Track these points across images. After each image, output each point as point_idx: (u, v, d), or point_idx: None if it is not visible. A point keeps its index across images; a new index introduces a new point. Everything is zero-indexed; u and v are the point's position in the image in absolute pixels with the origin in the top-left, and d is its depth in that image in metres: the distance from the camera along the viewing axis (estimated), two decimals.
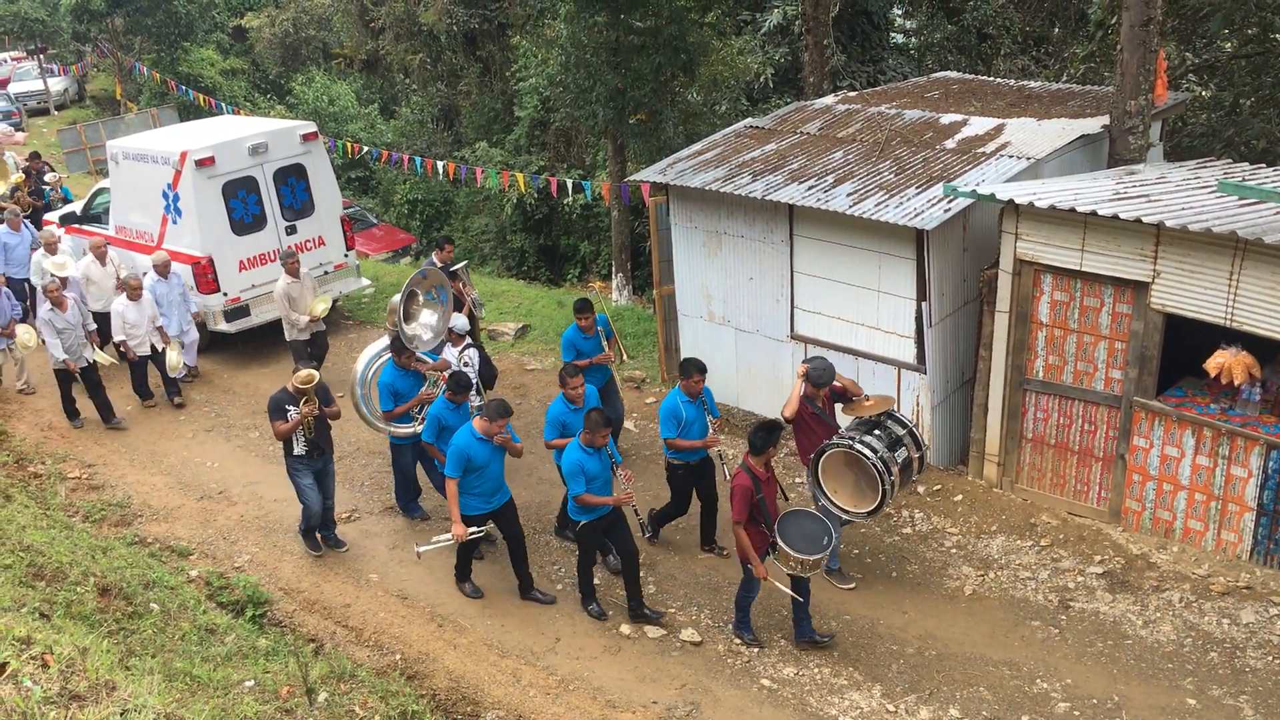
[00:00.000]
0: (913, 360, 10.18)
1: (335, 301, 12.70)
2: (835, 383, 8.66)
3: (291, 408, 9.24)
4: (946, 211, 9.37)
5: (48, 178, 19.87)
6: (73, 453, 11.94)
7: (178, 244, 13.77)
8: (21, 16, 32.34)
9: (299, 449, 9.40)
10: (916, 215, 9.41)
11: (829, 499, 8.41)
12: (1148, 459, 8.96)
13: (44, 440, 12.23)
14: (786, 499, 8.57)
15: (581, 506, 8.32)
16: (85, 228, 15.71)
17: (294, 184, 14.35)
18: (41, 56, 35.99)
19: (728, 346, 11.74)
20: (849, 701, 7.76)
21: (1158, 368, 8.76)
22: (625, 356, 10.54)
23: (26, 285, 14.63)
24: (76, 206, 16.72)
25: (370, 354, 10.45)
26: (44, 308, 11.78)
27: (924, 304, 9.88)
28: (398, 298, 9.98)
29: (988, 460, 10.03)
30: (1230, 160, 10.61)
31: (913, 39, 22.49)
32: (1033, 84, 13.59)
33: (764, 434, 7.80)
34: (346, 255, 15.11)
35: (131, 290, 12.46)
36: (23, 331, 12.81)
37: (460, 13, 26.37)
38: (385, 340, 10.34)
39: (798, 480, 10.49)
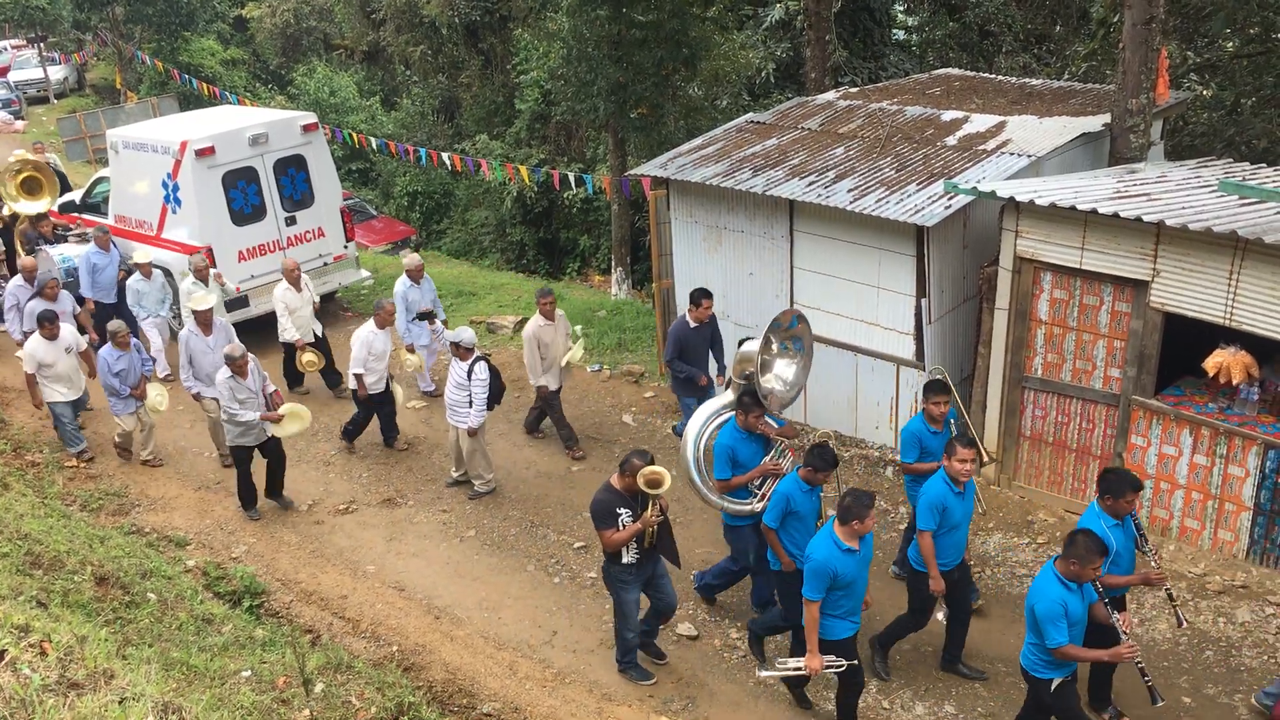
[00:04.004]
0: (911, 357, 10.19)
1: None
2: None
3: (625, 510, 7.38)
4: (947, 208, 9.37)
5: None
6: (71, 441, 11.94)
7: (177, 234, 13.76)
8: (22, 4, 32.27)
9: (628, 557, 7.51)
10: (917, 212, 9.41)
11: None
12: (1145, 457, 8.97)
13: (42, 429, 12.22)
14: None
15: (1060, 659, 6.26)
16: (85, 216, 15.71)
17: (294, 175, 14.35)
18: (42, 45, 35.92)
19: (727, 341, 11.73)
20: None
21: (1156, 366, 8.77)
22: (986, 458, 8.53)
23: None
24: (75, 195, 16.67)
25: (708, 412, 8.66)
26: (222, 373, 9.91)
27: (923, 300, 9.89)
28: (754, 345, 8.43)
29: (985, 457, 10.04)
30: (1231, 160, 10.61)
31: (914, 35, 22.49)
32: (1034, 81, 13.59)
33: None
34: (346, 247, 15.11)
35: (385, 316, 11.07)
36: (154, 393, 11.22)
37: (462, 5, 26.35)
38: (725, 397, 8.67)
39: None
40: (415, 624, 8.80)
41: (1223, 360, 8.36)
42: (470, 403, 10.08)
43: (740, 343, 8.94)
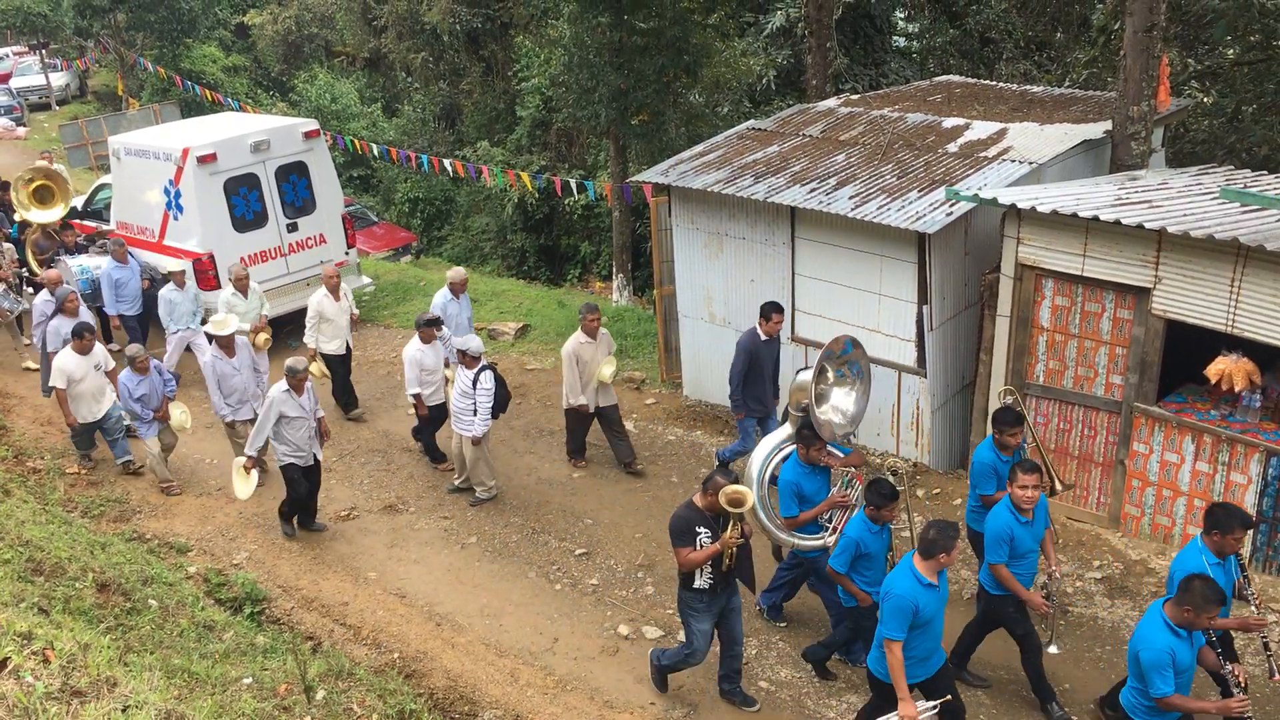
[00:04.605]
0: (913, 364, 10.18)
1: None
2: None
3: (704, 530, 7.04)
4: (948, 215, 9.38)
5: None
6: (72, 448, 11.91)
7: (179, 240, 13.78)
8: (24, 11, 32.34)
9: (701, 582, 7.14)
10: (918, 219, 9.42)
11: None
12: (1147, 464, 8.96)
13: (43, 435, 12.23)
14: None
15: (1164, 708, 5.88)
16: (86, 223, 15.72)
17: (296, 181, 14.37)
18: (44, 52, 36.00)
19: (728, 348, 11.72)
20: (846, 704, 7.76)
21: (1158, 373, 8.77)
22: (1059, 485, 8.16)
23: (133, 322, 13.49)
24: (78, 202, 16.68)
25: (769, 446, 8.31)
26: (278, 387, 9.58)
27: (925, 307, 9.89)
28: (808, 375, 8.06)
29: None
30: (1232, 167, 10.62)
31: (915, 42, 22.50)
32: (1035, 89, 13.61)
33: None
34: (347, 253, 15.12)
35: (426, 334, 10.69)
36: (177, 412, 10.95)
37: (463, 12, 26.38)
38: (785, 431, 8.35)
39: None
40: (416, 631, 8.79)
41: (1225, 367, 8.36)
42: (475, 411, 10.06)
43: (796, 373, 8.71)
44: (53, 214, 15.19)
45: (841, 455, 8.03)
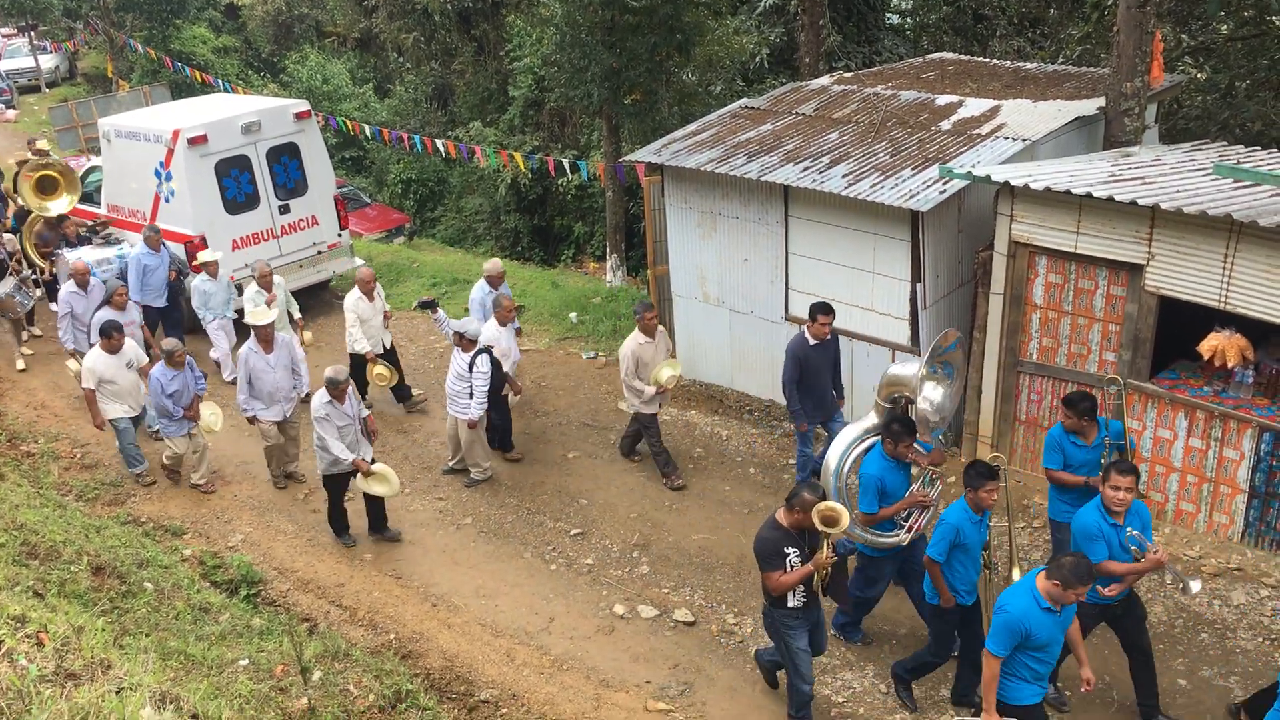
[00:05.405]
0: (906, 342, 10.18)
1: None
2: None
3: (793, 550, 6.69)
4: (942, 193, 9.36)
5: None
6: (65, 432, 11.92)
7: (170, 223, 13.72)
8: None
9: (794, 601, 6.80)
10: (912, 197, 9.40)
11: None
12: (1141, 441, 8.98)
13: (37, 419, 12.20)
14: None
15: None
16: (78, 206, 15.63)
17: (287, 163, 14.30)
18: (33, 33, 35.73)
19: (722, 327, 11.75)
20: (841, 681, 7.80)
21: (1151, 350, 8.78)
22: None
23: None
24: None
25: (848, 438, 7.89)
26: (319, 398, 9.11)
27: (918, 285, 9.89)
28: (911, 369, 7.63)
29: (981, 442, 10.05)
30: (1226, 143, 10.61)
31: (908, 19, 22.41)
32: (1029, 65, 13.56)
33: None
34: (340, 235, 15.07)
35: (504, 313, 10.61)
36: (207, 412, 10.57)
37: None
38: (867, 422, 7.97)
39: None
40: (412, 611, 8.81)
41: (1218, 343, 8.37)
42: (471, 394, 10.03)
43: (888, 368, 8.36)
44: (60, 204, 14.78)
45: (925, 452, 7.70)
